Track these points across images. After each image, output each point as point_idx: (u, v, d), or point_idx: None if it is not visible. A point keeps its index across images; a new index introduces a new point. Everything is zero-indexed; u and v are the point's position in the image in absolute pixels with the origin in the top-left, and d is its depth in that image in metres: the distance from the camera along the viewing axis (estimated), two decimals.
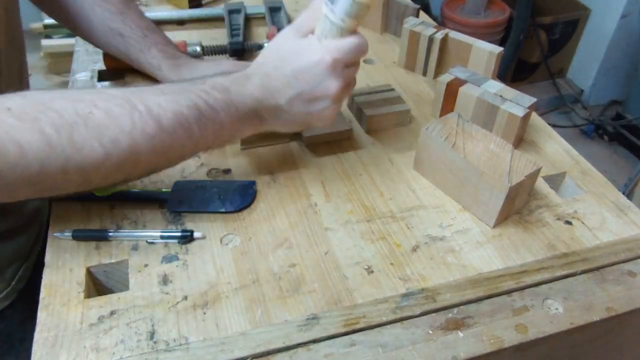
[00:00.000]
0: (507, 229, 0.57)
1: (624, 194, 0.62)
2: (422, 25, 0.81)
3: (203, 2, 1.01)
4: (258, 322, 0.47)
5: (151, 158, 0.47)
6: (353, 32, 0.51)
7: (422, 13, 0.91)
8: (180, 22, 0.94)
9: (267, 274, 0.51)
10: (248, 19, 0.95)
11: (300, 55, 0.51)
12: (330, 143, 0.67)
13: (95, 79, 0.77)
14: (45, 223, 0.69)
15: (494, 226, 0.56)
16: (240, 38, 0.84)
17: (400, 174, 0.63)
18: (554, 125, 1.69)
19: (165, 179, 0.60)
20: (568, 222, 0.58)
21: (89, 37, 0.71)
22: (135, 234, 0.53)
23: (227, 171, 0.62)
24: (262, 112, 0.53)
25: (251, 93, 0.52)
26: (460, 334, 0.47)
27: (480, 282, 0.51)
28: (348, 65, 0.52)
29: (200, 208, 0.56)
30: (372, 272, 0.51)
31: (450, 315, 0.48)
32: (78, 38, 0.86)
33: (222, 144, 0.55)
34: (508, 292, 0.51)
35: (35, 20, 2.22)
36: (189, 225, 0.55)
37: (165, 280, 0.50)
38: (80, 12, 0.67)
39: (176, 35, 0.88)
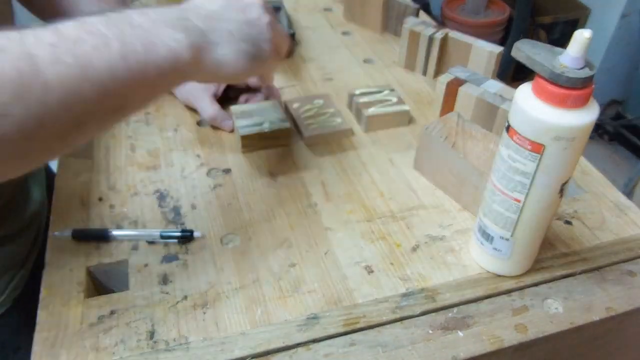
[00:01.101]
0: None
1: (624, 194, 0.61)
2: (422, 25, 0.81)
3: None
4: (258, 322, 0.47)
5: (62, 73, 0.35)
6: None
7: (422, 13, 0.91)
8: None
9: (267, 274, 0.51)
10: None
11: None
12: (330, 143, 0.67)
13: None
14: (43, 230, 0.68)
15: None
16: None
17: (400, 174, 0.63)
18: None
19: (165, 179, 0.60)
20: (568, 222, 0.58)
21: None
22: (135, 234, 0.53)
23: (227, 171, 0.62)
24: (194, 19, 0.44)
25: (174, 7, 0.45)
26: (460, 334, 0.47)
27: (480, 282, 0.51)
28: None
29: None
30: (372, 272, 0.51)
31: (450, 315, 0.48)
32: None
33: (163, 63, 0.41)
34: (508, 292, 0.51)
35: (35, 19, 2.22)
36: (189, 225, 0.55)
37: (165, 280, 0.50)
38: (75, 10, 0.67)
39: None
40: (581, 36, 0.39)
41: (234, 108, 0.68)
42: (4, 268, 0.64)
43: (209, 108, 0.68)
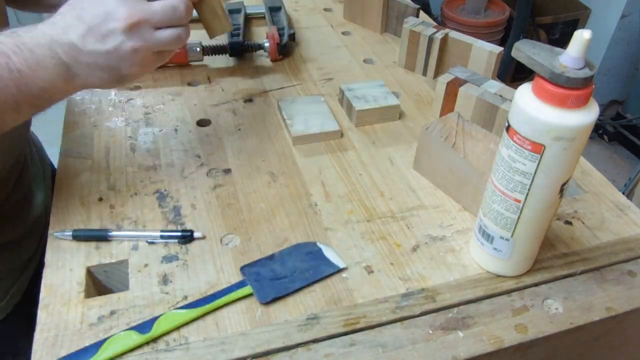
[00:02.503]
0: None
1: (624, 194, 0.62)
2: (422, 25, 0.81)
3: None
4: (258, 322, 0.47)
5: None
6: None
7: (422, 13, 0.91)
8: None
9: None
10: (248, 19, 0.95)
11: None
12: (330, 143, 0.67)
13: None
14: (45, 236, 0.69)
15: None
16: (240, 38, 0.84)
17: (400, 174, 0.63)
18: None
19: (165, 179, 0.60)
20: (568, 222, 0.58)
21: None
22: (135, 234, 0.53)
23: (227, 171, 0.62)
24: (61, 55, 0.47)
25: (42, 31, 0.47)
26: (460, 334, 0.47)
27: (480, 282, 0.51)
28: None
29: (292, 288, 0.49)
30: (372, 272, 0.51)
31: (450, 315, 0.48)
32: None
33: (37, 100, 0.48)
34: (508, 292, 0.51)
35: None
36: (189, 225, 0.55)
37: (165, 280, 0.50)
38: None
39: None
40: (581, 36, 0.39)
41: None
42: (4, 274, 0.63)
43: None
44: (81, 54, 0.47)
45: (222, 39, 0.87)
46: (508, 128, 0.43)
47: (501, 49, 0.75)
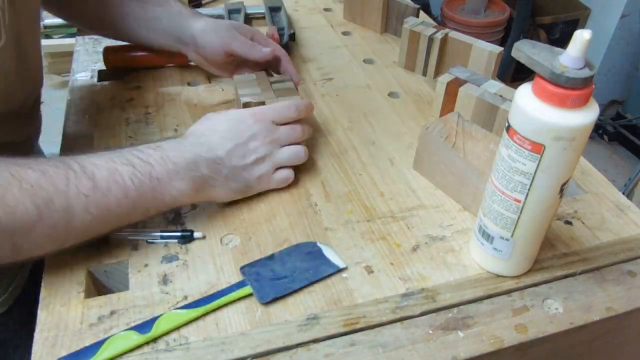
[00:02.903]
0: None
1: (624, 194, 0.62)
2: (422, 25, 0.81)
3: (203, 2, 1.01)
4: (258, 322, 0.47)
5: (86, 221, 0.46)
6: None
7: (422, 13, 0.91)
8: None
9: None
10: (248, 19, 0.95)
11: (231, 116, 0.57)
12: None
13: (95, 79, 0.77)
14: None
15: None
16: None
17: (400, 174, 0.63)
18: None
19: None
20: (568, 222, 0.58)
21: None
22: (135, 234, 0.53)
23: None
24: (202, 167, 0.52)
25: (188, 148, 0.53)
26: (460, 334, 0.47)
27: (480, 282, 0.51)
28: (278, 123, 0.58)
29: (292, 288, 0.49)
30: (372, 272, 0.51)
31: (450, 315, 0.48)
32: (78, 38, 0.86)
33: (163, 207, 0.52)
34: (508, 292, 0.51)
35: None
36: (189, 225, 0.55)
37: (165, 280, 0.50)
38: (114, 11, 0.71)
39: None
40: (581, 36, 0.39)
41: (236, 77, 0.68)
42: (7, 268, 0.64)
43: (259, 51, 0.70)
44: (224, 168, 0.54)
45: None
46: (508, 128, 0.43)
47: (501, 49, 0.75)
